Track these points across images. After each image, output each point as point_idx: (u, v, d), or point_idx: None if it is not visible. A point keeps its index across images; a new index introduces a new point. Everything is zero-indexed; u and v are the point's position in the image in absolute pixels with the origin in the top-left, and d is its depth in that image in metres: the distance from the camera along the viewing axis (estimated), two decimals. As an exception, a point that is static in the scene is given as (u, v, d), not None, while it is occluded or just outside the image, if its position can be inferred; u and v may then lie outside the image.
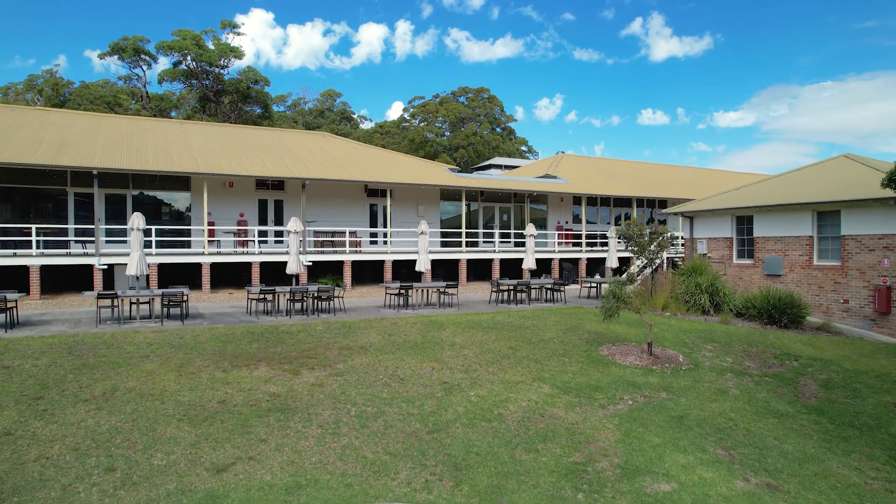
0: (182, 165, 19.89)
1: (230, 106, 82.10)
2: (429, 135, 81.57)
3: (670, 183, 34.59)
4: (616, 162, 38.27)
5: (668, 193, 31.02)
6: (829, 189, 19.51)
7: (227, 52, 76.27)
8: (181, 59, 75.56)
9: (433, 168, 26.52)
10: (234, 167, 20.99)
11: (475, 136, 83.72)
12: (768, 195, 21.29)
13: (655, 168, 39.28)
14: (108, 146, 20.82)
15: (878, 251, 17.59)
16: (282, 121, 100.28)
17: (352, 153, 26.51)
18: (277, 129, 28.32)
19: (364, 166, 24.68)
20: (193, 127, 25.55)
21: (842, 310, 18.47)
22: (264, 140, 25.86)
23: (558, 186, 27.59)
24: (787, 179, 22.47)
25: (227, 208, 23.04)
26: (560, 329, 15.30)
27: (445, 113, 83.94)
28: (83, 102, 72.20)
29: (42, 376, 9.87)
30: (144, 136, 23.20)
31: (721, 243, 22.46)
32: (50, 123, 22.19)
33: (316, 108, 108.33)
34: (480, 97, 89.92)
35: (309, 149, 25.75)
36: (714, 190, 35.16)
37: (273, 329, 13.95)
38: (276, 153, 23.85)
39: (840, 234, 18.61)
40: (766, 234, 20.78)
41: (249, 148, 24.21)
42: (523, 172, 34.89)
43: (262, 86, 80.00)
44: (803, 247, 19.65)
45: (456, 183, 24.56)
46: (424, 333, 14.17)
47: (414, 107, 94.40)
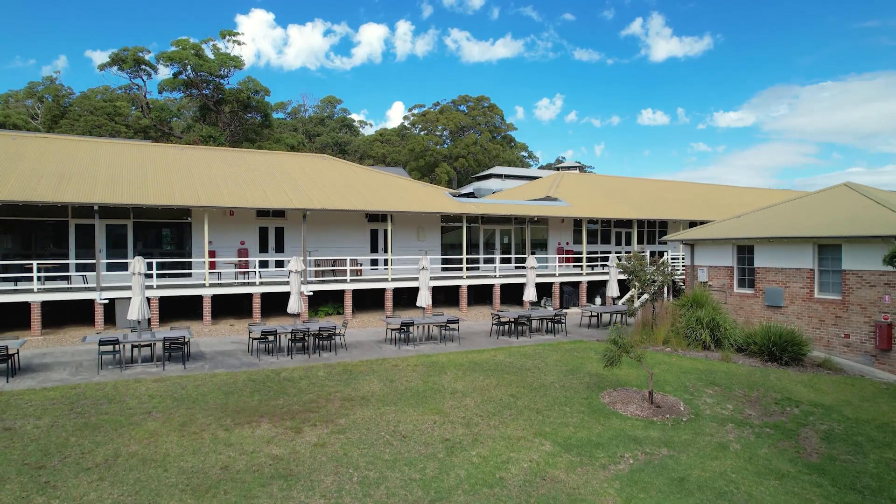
0: (183, 198, 19.91)
1: (230, 115, 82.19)
2: (429, 143, 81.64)
3: (672, 202, 34.61)
4: (617, 179, 38.28)
5: (669, 214, 31.03)
6: (830, 221, 19.53)
7: (227, 62, 76.44)
8: (181, 70, 75.79)
9: (433, 193, 26.54)
10: (234, 198, 21.01)
11: (475, 146, 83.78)
12: (769, 225, 21.30)
13: (657, 185, 39.29)
14: (109, 177, 20.84)
15: (879, 287, 17.60)
16: (282, 128, 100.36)
17: (352, 178, 26.53)
18: (278, 153, 28.34)
19: (364, 192, 24.70)
20: (194, 153, 25.59)
21: (843, 344, 18.48)
22: (265, 164, 25.89)
23: (559, 210, 27.60)
24: (788, 208, 22.49)
25: (228, 236, 23.05)
26: (561, 371, 15.30)
27: (445, 122, 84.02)
28: (83, 114, 72.37)
29: (44, 440, 9.87)
30: (145, 163, 23.22)
31: (722, 272, 22.48)
32: (51, 153, 22.22)
33: (316, 115, 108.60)
34: (480, 105, 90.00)
35: (309, 174, 25.78)
36: (716, 208, 35.18)
37: (274, 375, 13.96)
38: (277, 181, 23.88)
39: (841, 268, 18.62)
40: (767, 264, 20.79)
41: (250, 174, 24.24)
42: (524, 192, 34.89)
43: (262, 95, 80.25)
44: (804, 279, 19.66)
45: (457, 210, 24.58)
46: (426, 378, 14.18)
47: (414, 115, 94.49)
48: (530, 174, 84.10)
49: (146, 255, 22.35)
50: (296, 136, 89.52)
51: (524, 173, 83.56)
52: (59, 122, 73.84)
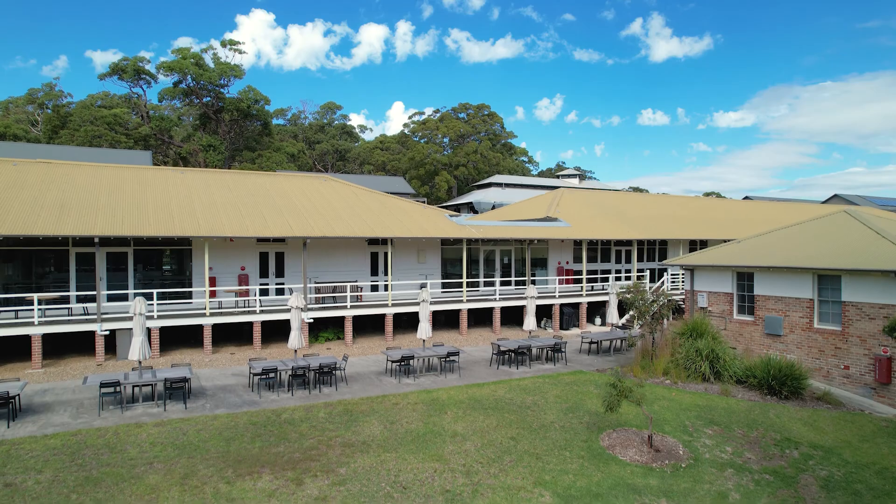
0: (183, 228, 19.96)
1: (230, 124, 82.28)
2: (429, 152, 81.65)
3: (671, 219, 34.64)
4: (616, 196, 38.32)
5: (668, 234, 31.08)
6: (830, 251, 19.56)
7: (228, 72, 76.67)
8: (181, 79, 75.91)
9: (433, 216, 26.58)
10: (234, 226, 21.06)
11: (475, 154, 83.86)
12: (769, 253, 21.34)
13: (657, 201, 39.32)
14: (110, 206, 20.89)
15: (878, 320, 17.63)
16: (282, 134, 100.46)
17: (353, 200, 26.58)
18: (278, 175, 28.38)
19: (365, 217, 24.75)
20: (194, 176, 25.64)
21: (842, 375, 18.52)
22: (264, 187, 25.94)
23: (558, 232, 27.65)
24: (788, 235, 22.52)
25: (229, 261, 23.09)
26: (561, 409, 15.33)
27: (445, 130, 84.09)
28: (83, 124, 72.50)
29: (45, 498, 9.90)
30: (145, 189, 23.28)
31: (721, 298, 22.51)
32: (52, 179, 22.27)
33: (316, 121, 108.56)
34: (480, 113, 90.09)
35: (310, 197, 25.83)
36: (716, 225, 35.22)
37: (275, 417, 13.98)
38: (277, 206, 23.93)
39: (841, 299, 18.66)
40: (767, 292, 20.83)
41: (250, 198, 24.29)
42: (523, 209, 34.92)
43: (262, 104, 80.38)
44: (804, 309, 19.70)
45: (457, 234, 24.63)
46: (426, 419, 14.21)
47: (414, 122, 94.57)
48: (530, 182, 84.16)
49: (147, 279, 22.41)
50: (296, 145, 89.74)
51: (524, 182, 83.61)
52: (60, 133, 74.00)
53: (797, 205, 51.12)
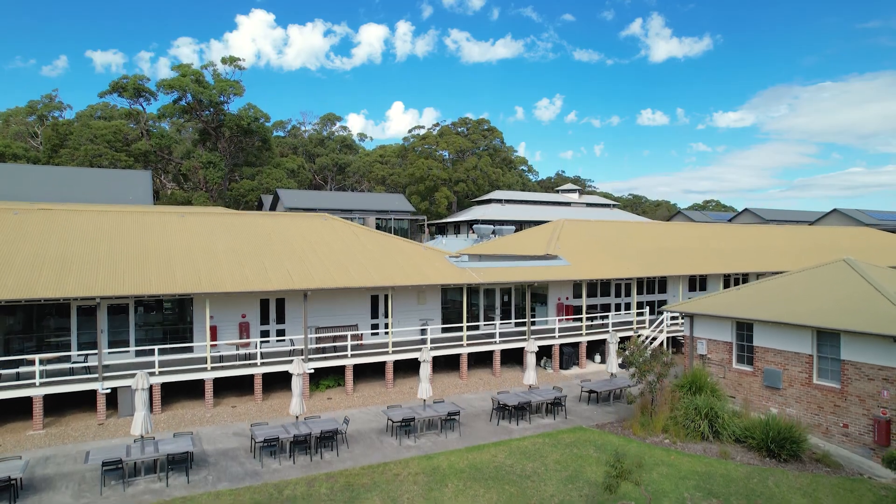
0: (185, 285, 20.05)
1: (230, 140, 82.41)
2: (429, 169, 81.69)
3: (671, 251, 34.73)
4: (617, 227, 38.40)
5: (668, 270, 31.19)
6: (830, 308, 19.62)
7: (227, 89, 76.86)
8: (181, 96, 76.02)
9: (433, 258, 26.66)
10: (235, 279, 21.16)
11: (475, 170, 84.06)
12: (769, 303, 21.40)
13: (658, 230, 39.41)
14: (111, 260, 20.97)
15: (877, 381, 17.71)
16: (282, 147, 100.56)
17: (352, 242, 26.67)
18: (278, 216, 28.46)
19: (364, 262, 24.84)
20: (195, 220, 25.72)
21: (841, 433, 18.58)
22: (266, 231, 26.03)
23: (559, 272, 27.74)
24: (787, 283, 22.57)
25: (230, 309, 23.17)
26: (561, 478, 15.37)
27: (445, 145, 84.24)
28: (83, 143, 72.60)
29: None
30: (146, 236, 23.35)
31: (721, 346, 22.58)
32: (53, 229, 22.36)
33: (315, 133, 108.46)
34: (480, 128, 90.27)
35: (309, 240, 25.92)
36: (716, 257, 35.30)
37: (277, 494, 14.01)
38: (277, 252, 24.01)
39: (840, 357, 18.73)
40: (766, 344, 20.90)
41: (250, 243, 24.38)
42: (523, 241, 34.98)
43: (262, 121, 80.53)
44: (803, 364, 19.77)
45: (457, 279, 24.74)
46: (427, 494, 14.26)
47: (414, 136, 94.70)
48: (530, 198, 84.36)
49: (148, 326, 22.49)
50: (295, 160, 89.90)
51: (524, 197, 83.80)
52: (59, 152, 74.13)
53: (795, 230, 51.26)
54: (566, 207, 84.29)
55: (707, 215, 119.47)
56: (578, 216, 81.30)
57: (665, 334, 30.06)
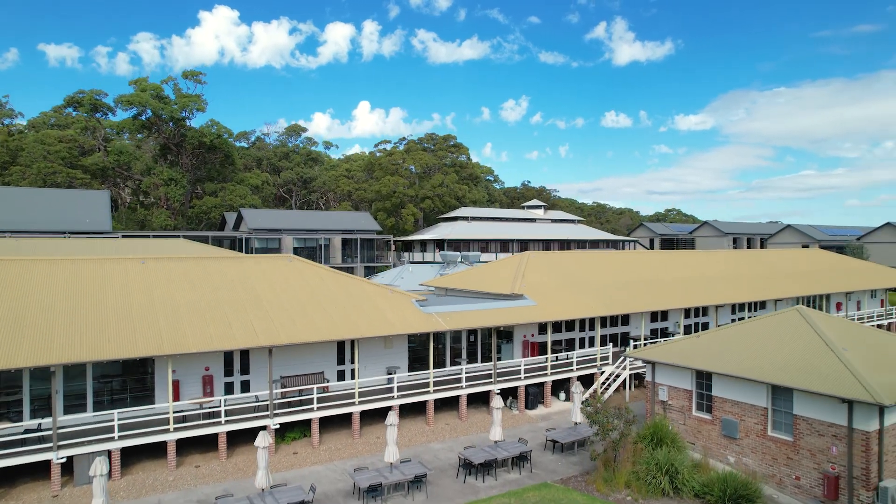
0: (146, 346, 19.67)
1: (193, 155, 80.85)
2: (395, 186, 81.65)
3: (635, 285, 35.45)
4: (581, 259, 38.99)
5: (631, 307, 31.85)
6: (784, 362, 20.33)
7: (189, 104, 75.38)
8: (140, 112, 74.24)
9: (399, 303, 26.67)
10: (198, 337, 20.83)
11: (442, 187, 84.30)
12: (727, 353, 22.03)
13: (622, 262, 40.17)
14: (67, 316, 20.41)
15: (827, 437, 18.44)
16: (246, 159, 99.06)
17: (317, 286, 26.50)
18: (243, 259, 28.05)
19: (330, 308, 24.72)
20: (156, 266, 25.17)
21: (794, 485, 19.28)
22: (229, 278, 25.65)
23: (524, 314, 28.07)
24: (744, 333, 23.27)
25: (193, 363, 22.77)
26: (527, 550, 15.58)
27: (412, 162, 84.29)
28: (36, 160, 70.19)
29: None
30: (105, 289, 22.78)
31: (681, 393, 23.18)
32: (5, 285, 21.61)
33: (280, 144, 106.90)
34: (447, 144, 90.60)
35: (274, 286, 25.65)
36: (680, 288, 36.19)
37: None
38: (242, 303, 23.71)
39: (793, 411, 19.45)
40: (724, 395, 21.55)
41: (214, 294, 24.00)
42: (488, 276, 35.23)
43: (226, 136, 79.19)
44: (758, 415, 20.45)
45: (423, 328, 24.82)
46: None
47: (382, 151, 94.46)
48: (496, 215, 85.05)
49: (107, 382, 21.94)
50: (259, 175, 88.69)
51: (490, 214, 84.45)
52: (10, 169, 71.49)
53: (750, 255, 52.90)
54: (532, 224, 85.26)
55: (669, 227, 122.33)
56: (544, 232, 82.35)
57: (628, 371, 30.69)
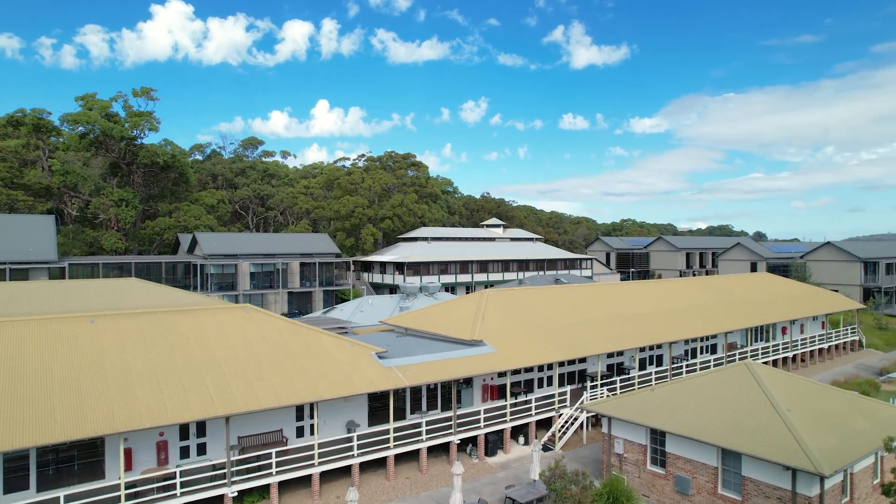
0: (96, 424, 19.06)
1: (145, 175, 78.55)
2: (354, 206, 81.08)
3: (592, 323, 36.16)
4: (539, 293, 39.53)
5: (587, 349, 32.52)
6: (733, 421, 21.11)
7: (141, 123, 73.24)
8: (88, 132, 71.70)
9: (359, 356, 26.52)
10: (153, 410, 20.29)
11: (401, 207, 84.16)
12: (680, 414, 22.72)
13: (580, 295, 40.91)
14: (9, 392, 19.58)
15: (773, 499, 19.23)
16: (200, 174, 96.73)
17: (276, 340, 26.13)
18: (198, 312, 27.36)
19: (289, 367, 24.44)
20: (106, 325, 24.34)
21: (744, 544, 20.02)
22: (184, 333, 25.05)
23: (483, 364, 28.33)
24: (696, 389, 24.03)
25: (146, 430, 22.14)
26: None
27: (371, 182, 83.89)
28: (-24, 182, 66.88)
29: None
30: (52, 353, 21.95)
31: (636, 447, 23.78)
32: (-57, 354, 20.62)
33: (237, 157, 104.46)
34: (406, 163, 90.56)
35: (231, 345, 25.15)
36: (637, 324, 37.07)
37: None
38: (196, 365, 23.17)
39: (741, 472, 20.21)
40: (677, 452, 22.23)
41: (168, 356, 23.40)
42: (447, 318, 35.37)
43: (179, 156, 77.19)
44: (709, 474, 21.17)
45: (383, 385, 24.81)
46: None
47: (340, 170, 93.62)
48: (455, 235, 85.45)
49: (52, 454, 21.14)
50: (215, 194, 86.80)
51: (449, 234, 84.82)
52: (-54, 191, 67.97)
53: (702, 283, 54.68)
54: (491, 243, 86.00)
55: (624, 241, 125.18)
56: (503, 252, 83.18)
57: (585, 413, 31.31)
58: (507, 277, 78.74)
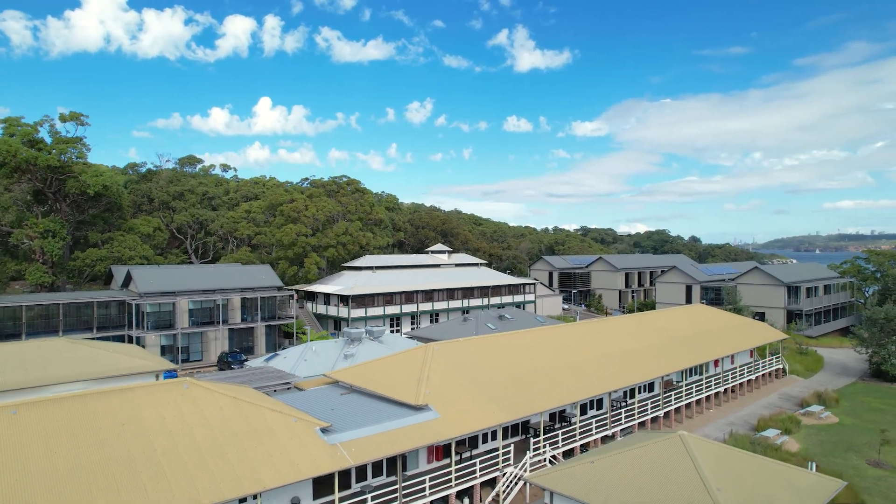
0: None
1: (74, 203, 74.94)
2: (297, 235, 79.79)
3: (538, 375, 36.90)
4: (484, 345, 40.02)
5: (531, 408, 33.19)
6: (666, 500, 22.02)
7: (68, 150, 69.90)
8: (6, 160, 67.68)
9: (304, 436, 26.15)
10: (83, 518, 19.44)
11: (345, 235, 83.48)
12: (618, 492, 23.46)
13: (525, 342, 41.64)
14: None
15: (704, 582, 20.16)
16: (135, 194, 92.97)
17: (217, 421, 25.45)
18: (133, 390, 26.33)
19: (230, 452, 23.88)
20: (30, 415, 23.04)
21: None
22: (118, 417, 24.05)
23: (428, 433, 28.50)
24: (633, 463, 24.86)
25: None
26: None
27: (315, 211, 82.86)
28: None
29: None
30: (-28, 455, 20.71)
31: (577, 522, 24.44)
32: None
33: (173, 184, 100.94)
34: (349, 190, 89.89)
35: (169, 427, 24.31)
36: (577, 378, 38.04)
37: None
38: (133, 462, 22.25)
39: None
40: (615, 529, 22.96)
41: (100, 450, 22.44)
42: (392, 375, 35.39)
43: (112, 187, 74.11)
44: (646, 553, 21.97)
45: (328, 467, 24.63)
46: None
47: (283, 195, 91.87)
48: (399, 263, 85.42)
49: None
50: (150, 221, 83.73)
51: (394, 262, 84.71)
52: None
53: (641, 320, 56.72)
54: (436, 270, 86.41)
55: (566, 260, 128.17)
56: (448, 278, 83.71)
57: (528, 471, 31.92)
58: (453, 305, 79.33)
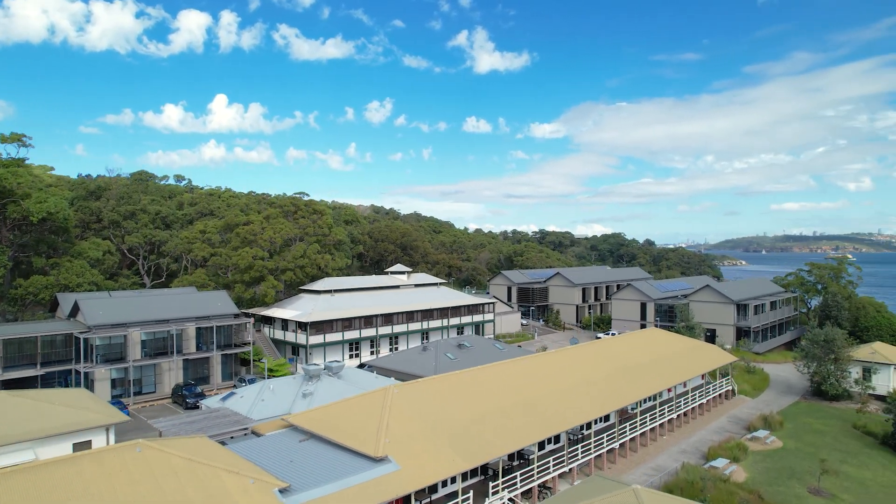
0: None
1: (15, 228, 71.92)
2: (254, 258, 78.35)
3: (498, 417, 37.26)
4: (443, 385, 40.17)
5: (493, 453, 33.53)
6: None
7: (9, 178, 66.92)
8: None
9: (262, 499, 25.85)
10: None
11: (303, 258, 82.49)
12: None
13: (486, 380, 41.96)
14: None
15: None
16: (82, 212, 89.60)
17: (172, 488, 24.86)
18: (78, 459, 25.41)
19: (186, 522, 23.39)
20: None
21: None
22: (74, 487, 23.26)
23: (389, 489, 28.48)
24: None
25: None
26: None
27: (272, 233, 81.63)
28: None
29: None
30: None
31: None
32: None
33: (124, 202, 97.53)
34: (307, 211, 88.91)
35: (119, 499, 23.67)
36: (536, 418, 38.54)
37: None
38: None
39: None
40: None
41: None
42: (351, 419, 35.20)
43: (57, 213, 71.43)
44: None
45: (287, 534, 24.31)
46: None
47: (239, 216, 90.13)
48: (358, 285, 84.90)
49: None
50: (99, 245, 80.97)
51: (352, 284, 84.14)
52: None
53: (598, 348, 57.91)
54: (396, 291, 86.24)
55: (525, 274, 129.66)
56: (408, 300, 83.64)
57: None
58: (412, 328, 79.25)
